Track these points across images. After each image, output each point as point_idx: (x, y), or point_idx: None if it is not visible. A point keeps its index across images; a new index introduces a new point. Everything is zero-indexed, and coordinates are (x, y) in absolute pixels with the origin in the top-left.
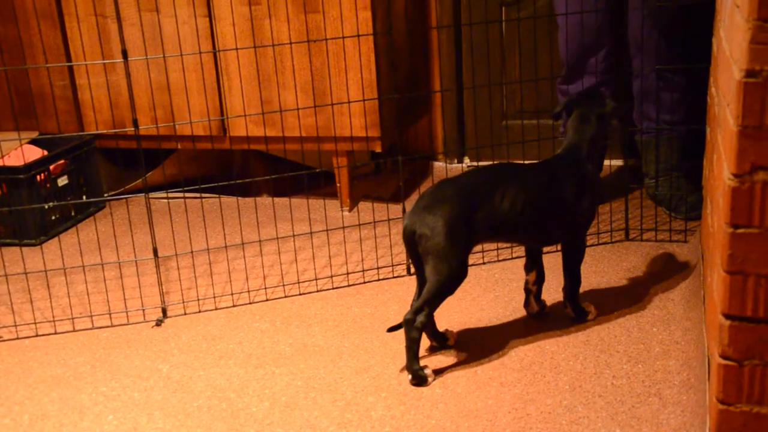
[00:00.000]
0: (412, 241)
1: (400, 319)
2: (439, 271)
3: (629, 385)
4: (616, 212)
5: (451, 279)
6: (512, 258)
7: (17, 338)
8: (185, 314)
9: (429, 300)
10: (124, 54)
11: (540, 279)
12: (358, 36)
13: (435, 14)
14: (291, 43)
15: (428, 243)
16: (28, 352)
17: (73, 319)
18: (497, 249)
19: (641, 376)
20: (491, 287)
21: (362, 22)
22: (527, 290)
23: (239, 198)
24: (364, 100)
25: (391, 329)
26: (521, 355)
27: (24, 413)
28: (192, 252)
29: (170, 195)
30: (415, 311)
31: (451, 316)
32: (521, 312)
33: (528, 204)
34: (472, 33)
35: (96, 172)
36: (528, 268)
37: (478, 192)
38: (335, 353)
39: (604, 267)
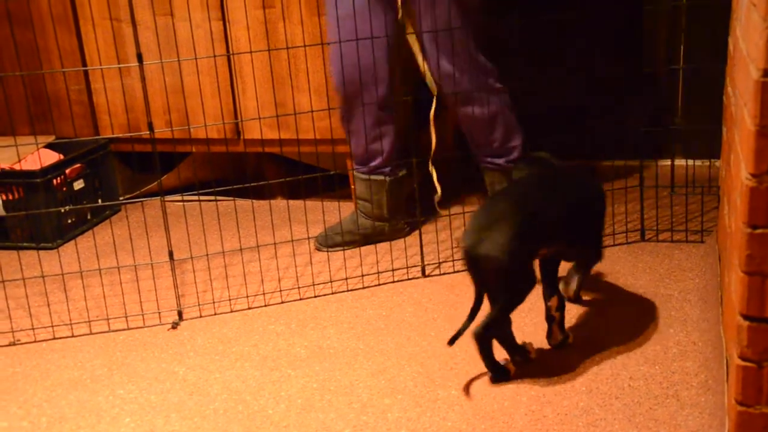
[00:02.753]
0: (475, 262)
1: (415, 322)
2: (508, 288)
3: (646, 386)
4: (632, 213)
5: (521, 293)
6: None
7: (35, 341)
8: (201, 317)
9: (499, 317)
10: (140, 58)
11: (561, 305)
12: (372, 38)
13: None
14: (305, 46)
15: (492, 264)
16: (45, 355)
17: (89, 322)
18: None
19: (658, 378)
20: None
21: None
22: (549, 318)
23: (254, 200)
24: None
25: (452, 341)
26: (536, 356)
27: (42, 416)
28: (207, 255)
29: (185, 198)
30: (485, 327)
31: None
32: (535, 314)
33: (568, 210)
34: None
35: (111, 176)
36: (548, 295)
37: (531, 202)
38: (350, 355)
39: (620, 268)
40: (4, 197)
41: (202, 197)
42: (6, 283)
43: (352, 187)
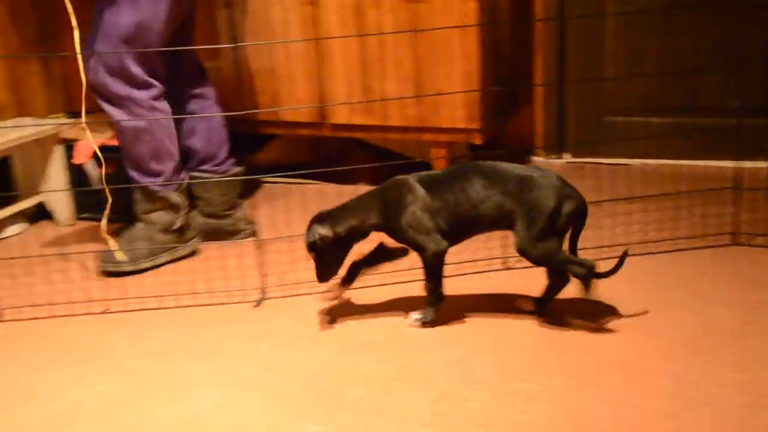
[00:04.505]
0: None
1: (494, 313)
2: None
3: (736, 394)
4: (724, 215)
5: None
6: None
7: (125, 311)
8: (283, 297)
9: None
10: (234, 39)
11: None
12: (463, 26)
13: (539, 6)
14: (394, 32)
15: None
16: (134, 325)
17: (177, 295)
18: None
19: (749, 386)
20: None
21: (467, 12)
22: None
23: (339, 185)
24: (466, 91)
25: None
26: (618, 355)
27: (131, 382)
28: (291, 236)
29: (271, 179)
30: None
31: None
32: (615, 309)
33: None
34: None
35: None
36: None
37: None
38: (428, 343)
39: (707, 270)
40: (101, 170)
41: (288, 179)
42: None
43: None
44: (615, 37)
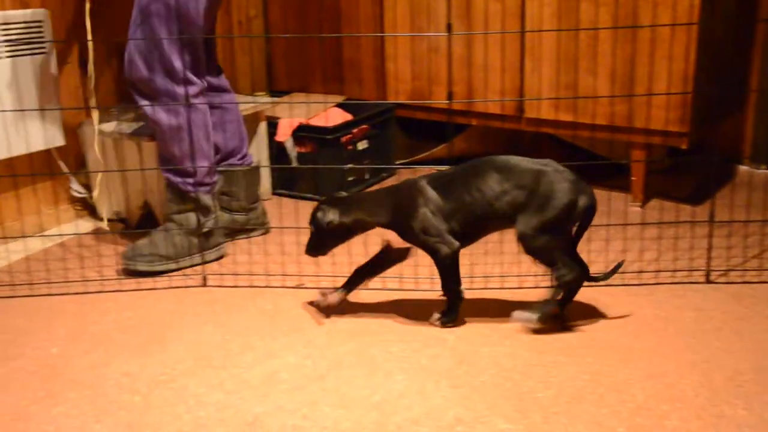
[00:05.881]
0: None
1: (697, 329)
2: None
3: None
4: None
5: None
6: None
7: (316, 288)
8: (470, 289)
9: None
10: (449, 28)
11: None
12: (682, 24)
13: (766, 6)
14: (603, 28)
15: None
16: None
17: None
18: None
19: None
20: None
21: (684, 9)
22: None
23: None
24: (680, 93)
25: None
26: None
27: (322, 358)
28: None
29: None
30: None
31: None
32: None
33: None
34: None
35: (391, 140)
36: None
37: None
38: (625, 352)
39: None
40: (299, 149)
41: None
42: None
43: (633, 178)
44: None
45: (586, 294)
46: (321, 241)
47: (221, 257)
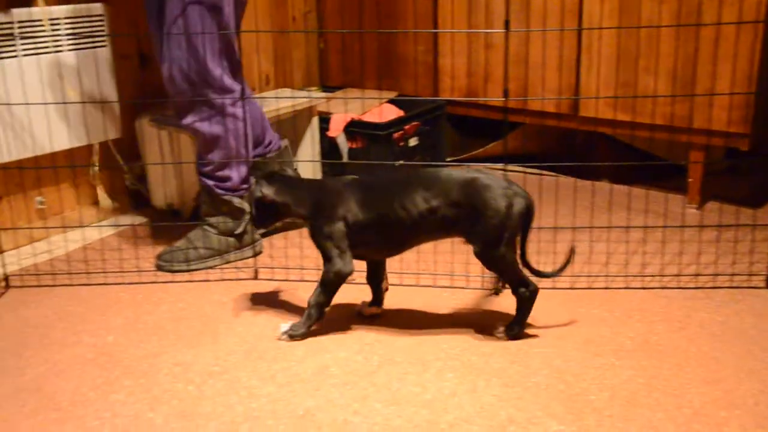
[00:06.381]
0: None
1: (756, 335)
2: None
3: None
4: None
5: None
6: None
7: (361, 284)
8: None
9: None
10: (507, 24)
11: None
12: (748, 22)
13: None
14: (667, 26)
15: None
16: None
17: (418, 274)
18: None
19: None
20: None
21: (751, 7)
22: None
23: (576, 179)
24: (744, 93)
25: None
26: None
27: (374, 354)
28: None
29: (507, 168)
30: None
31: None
32: None
33: None
34: None
35: (442, 137)
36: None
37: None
38: (681, 357)
39: None
40: (351, 145)
41: (526, 169)
42: None
43: (690, 180)
44: None
45: (639, 296)
46: (260, 213)
47: (259, 254)
